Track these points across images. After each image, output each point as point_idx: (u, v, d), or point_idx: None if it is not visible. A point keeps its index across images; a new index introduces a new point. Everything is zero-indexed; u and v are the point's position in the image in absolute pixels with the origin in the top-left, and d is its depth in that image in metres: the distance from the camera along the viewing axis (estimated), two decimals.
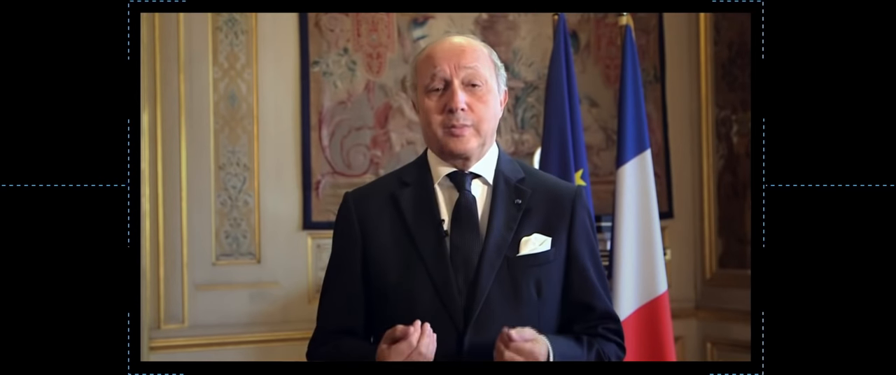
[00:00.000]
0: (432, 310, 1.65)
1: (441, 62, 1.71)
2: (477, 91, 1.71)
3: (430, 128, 1.73)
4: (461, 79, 1.70)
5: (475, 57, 1.72)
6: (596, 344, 1.74)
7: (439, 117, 1.71)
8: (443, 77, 1.71)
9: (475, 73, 1.71)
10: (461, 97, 1.69)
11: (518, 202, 1.74)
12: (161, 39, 3.64)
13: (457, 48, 1.73)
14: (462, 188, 1.74)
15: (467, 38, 1.77)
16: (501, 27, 4.05)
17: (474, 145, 1.72)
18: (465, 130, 1.71)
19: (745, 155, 4.01)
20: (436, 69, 1.71)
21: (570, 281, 1.75)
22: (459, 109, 1.69)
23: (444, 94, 1.71)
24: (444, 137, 1.72)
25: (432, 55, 1.73)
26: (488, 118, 1.73)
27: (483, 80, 1.72)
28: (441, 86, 1.71)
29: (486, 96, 1.72)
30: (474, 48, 1.74)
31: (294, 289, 3.78)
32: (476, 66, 1.71)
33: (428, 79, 1.72)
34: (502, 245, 1.70)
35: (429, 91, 1.72)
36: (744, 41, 3.99)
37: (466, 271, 1.68)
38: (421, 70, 1.75)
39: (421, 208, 1.74)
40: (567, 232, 1.76)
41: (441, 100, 1.71)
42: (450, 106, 1.69)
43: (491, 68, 1.75)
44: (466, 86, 1.71)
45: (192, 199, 3.69)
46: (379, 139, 3.89)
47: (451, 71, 1.70)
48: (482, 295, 1.66)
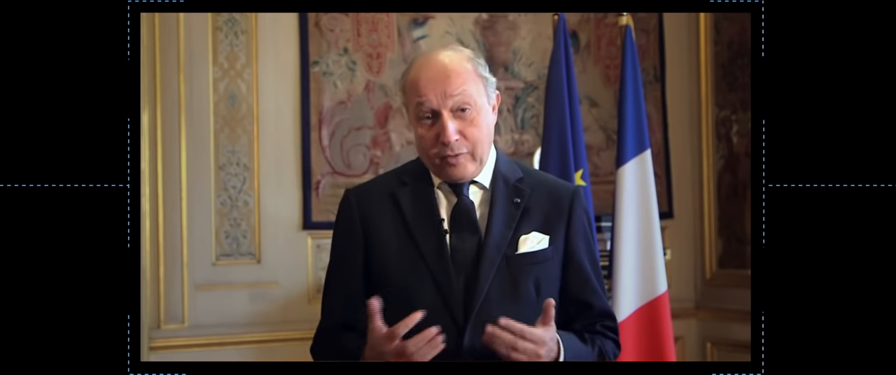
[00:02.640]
0: (433, 308, 1.65)
1: (427, 93, 1.67)
2: (467, 115, 1.68)
3: (425, 156, 1.73)
4: (449, 108, 1.67)
5: (461, 81, 1.68)
6: (597, 342, 1.76)
7: (433, 149, 1.70)
8: (430, 108, 1.68)
9: (463, 98, 1.68)
10: (451, 128, 1.67)
11: (517, 201, 1.75)
12: (161, 39, 3.64)
13: (441, 74, 1.68)
14: (460, 194, 1.75)
15: (450, 55, 1.71)
16: (501, 27, 4.05)
17: (471, 170, 1.72)
18: (460, 159, 1.69)
19: (745, 155, 4.01)
20: (422, 99, 1.68)
21: (567, 280, 1.76)
22: (452, 140, 1.67)
23: (435, 125, 1.68)
24: (440, 167, 1.71)
25: (417, 82, 1.69)
26: (482, 139, 1.71)
27: (472, 103, 1.69)
28: (430, 116, 1.69)
29: (477, 118, 1.69)
30: (459, 72, 1.69)
31: (294, 289, 3.78)
32: (463, 90, 1.68)
33: (415, 107, 1.69)
34: (502, 243, 1.71)
35: (419, 118, 1.70)
36: (744, 41, 3.99)
37: (466, 269, 1.69)
38: (409, 94, 1.72)
39: (420, 207, 1.74)
40: (565, 230, 1.77)
41: (432, 130, 1.69)
42: (442, 138, 1.67)
43: (479, 85, 1.71)
44: (456, 112, 1.68)
45: (192, 199, 3.68)
46: (379, 139, 3.89)
47: (439, 101, 1.67)
48: (482, 292, 1.67)
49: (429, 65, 1.70)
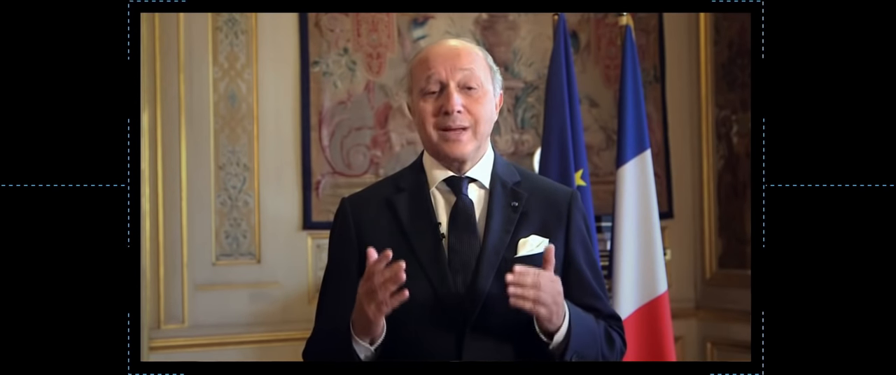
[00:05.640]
0: (431, 313, 1.65)
1: (436, 65, 1.71)
2: (473, 93, 1.71)
3: (425, 131, 1.73)
4: (457, 81, 1.70)
5: (471, 60, 1.72)
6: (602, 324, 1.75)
7: (434, 119, 1.71)
8: (438, 79, 1.70)
9: (471, 76, 1.71)
10: (457, 99, 1.69)
11: (515, 204, 1.74)
12: (161, 39, 3.64)
13: (452, 51, 1.73)
14: (459, 193, 1.74)
15: (462, 41, 1.77)
16: (501, 27, 4.05)
17: (470, 148, 1.72)
18: (461, 134, 1.70)
19: (745, 155, 4.01)
20: (431, 72, 1.71)
21: (567, 286, 1.74)
22: (455, 111, 1.69)
23: (440, 97, 1.71)
24: (439, 141, 1.72)
25: (427, 58, 1.73)
26: (484, 120, 1.72)
27: (479, 83, 1.72)
28: (437, 89, 1.71)
29: (482, 98, 1.72)
30: (470, 51, 1.74)
31: (294, 289, 3.78)
32: (472, 69, 1.71)
33: (423, 81, 1.71)
34: (500, 246, 1.70)
35: (424, 94, 1.72)
36: (744, 41, 3.99)
37: (465, 273, 1.68)
38: (416, 73, 1.74)
39: (417, 212, 1.74)
40: (563, 236, 1.76)
41: (437, 103, 1.71)
42: (445, 108, 1.69)
43: (487, 71, 1.75)
44: (462, 88, 1.71)
45: (192, 199, 3.68)
46: (379, 139, 3.89)
47: (447, 73, 1.70)
48: (481, 296, 1.66)
49: (440, 45, 1.76)
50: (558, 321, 1.62)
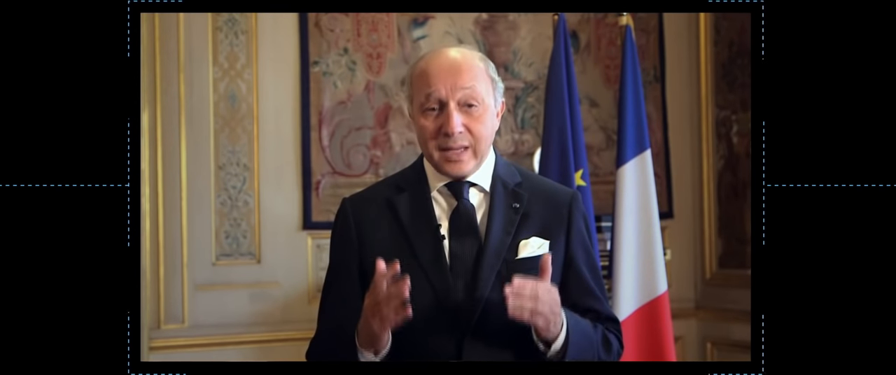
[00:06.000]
0: (431, 315, 1.65)
1: (436, 82, 1.67)
2: (474, 111, 1.68)
3: (426, 148, 1.72)
4: (457, 100, 1.67)
5: (472, 76, 1.68)
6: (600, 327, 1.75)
7: (435, 140, 1.69)
8: (438, 98, 1.67)
9: (472, 94, 1.67)
10: (457, 119, 1.66)
11: (516, 206, 1.73)
12: (161, 39, 3.64)
13: (453, 67, 1.68)
14: (460, 197, 1.73)
15: (463, 51, 1.72)
16: (501, 27, 4.05)
17: (471, 167, 1.71)
18: (462, 154, 1.69)
19: (745, 155, 4.01)
20: (431, 89, 1.67)
21: (567, 287, 1.74)
22: (456, 132, 1.66)
23: (440, 116, 1.68)
24: (440, 161, 1.70)
25: (428, 73, 1.68)
26: (485, 137, 1.70)
27: (480, 100, 1.68)
28: (436, 107, 1.68)
29: (482, 116, 1.69)
30: (471, 66, 1.69)
31: (294, 289, 3.78)
32: (473, 86, 1.67)
33: (423, 98, 1.68)
34: (501, 248, 1.69)
35: (424, 110, 1.69)
36: (744, 41, 3.99)
37: (465, 275, 1.68)
38: (416, 86, 1.71)
39: (418, 213, 1.73)
40: (564, 237, 1.75)
41: (437, 122, 1.68)
42: (445, 129, 1.66)
43: (488, 84, 1.71)
44: (462, 106, 1.67)
45: (192, 199, 3.68)
46: (379, 139, 3.89)
47: (447, 92, 1.66)
48: (482, 298, 1.66)
49: (441, 58, 1.70)
50: (556, 330, 1.62)
